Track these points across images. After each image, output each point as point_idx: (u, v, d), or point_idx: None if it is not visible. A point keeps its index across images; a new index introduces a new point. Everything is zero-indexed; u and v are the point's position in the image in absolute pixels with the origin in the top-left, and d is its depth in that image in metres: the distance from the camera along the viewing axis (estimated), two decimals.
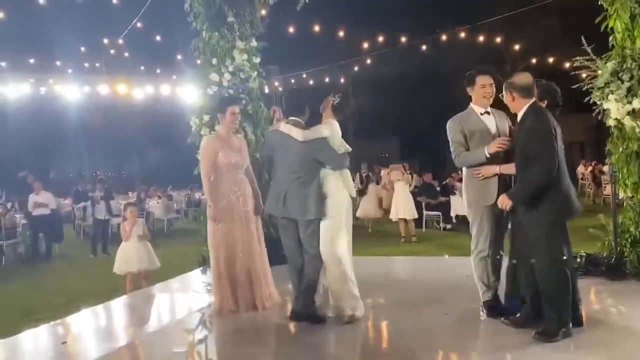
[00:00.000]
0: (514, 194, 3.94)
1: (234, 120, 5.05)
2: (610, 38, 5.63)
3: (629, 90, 5.34)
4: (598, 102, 5.53)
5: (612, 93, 5.38)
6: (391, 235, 11.51)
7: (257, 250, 5.01)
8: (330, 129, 4.46)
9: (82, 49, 19.49)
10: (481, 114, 4.36)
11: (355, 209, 12.97)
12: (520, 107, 3.99)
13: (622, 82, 5.36)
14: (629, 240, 5.51)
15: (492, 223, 4.32)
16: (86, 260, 11.00)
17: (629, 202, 5.66)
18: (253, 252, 4.95)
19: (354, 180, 5.51)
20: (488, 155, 4.19)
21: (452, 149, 4.39)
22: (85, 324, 5.18)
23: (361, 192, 13.10)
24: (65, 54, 19.30)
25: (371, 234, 12.44)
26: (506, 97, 4.07)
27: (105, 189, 11.89)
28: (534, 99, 4.01)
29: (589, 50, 5.56)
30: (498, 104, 4.35)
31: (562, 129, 4.02)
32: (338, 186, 4.44)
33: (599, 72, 5.54)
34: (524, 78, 4.04)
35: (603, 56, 5.58)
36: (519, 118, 4.04)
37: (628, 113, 5.35)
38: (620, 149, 5.52)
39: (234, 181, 4.95)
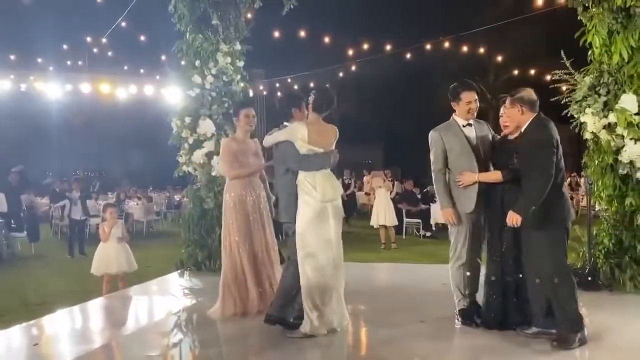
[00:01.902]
0: (521, 207, 3.91)
1: (249, 123, 5.11)
2: (589, 53, 5.75)
3: (605, 104, 5.44)
4: (576, 116, 5.63)
5: (589, 107, 5.48)
6: (371, 241, 11.56)
7: (272, 253, 5.07)
8: (289, 132, 4.35)
9: (65, 46, 19.25)
10: (463, 125, 4.45)
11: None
12: (526, 121, 4.09)
13: (599, 96, 5.47)
14: (603, 251, 5.61)
15: (470, 231, 4.39)
16: (63, 260, 10.82)
17: (604, 214, 5.77)
18: (266, 255, 5.01)
19: None
20: (442, 209, 4.44)
21: (431, 162, 4.49)
22: (60, 326, 5.11)
23: None
24: (47, 51, 19.05)
25: (353, 240, 12.45)
26: (513, 110, 4.12)
27: (82, 188, 11.70)
28: (537, 112, 4.11)
29: (568, 64, 5.67)
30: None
31: None
32: (307, 191, 4.27)
33: (578, 85, 5.65)
34: (531, 93, 4.14)
35: (581, 70, 5.70)
36: (522, 130, 4.12)
37: (604, 127, 5.46)
38: (596, 162, 5.62)
39: (250, 184, 5.00)
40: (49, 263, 10.72)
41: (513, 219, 3.93)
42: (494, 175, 4.25)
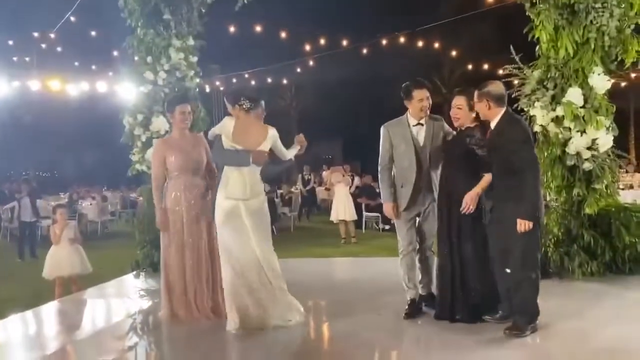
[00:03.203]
0: (525, 211, 3.84)
1: (184, 120, 4.86)
2: (537, 48, 5.91)
3: (553, 98, 5.63)
4: (525, 109, 5.79)
5: (538, 100, 5.65)
6: (331, 236, 11.61)
7: (210, 255, 4.81)
8: (220, 126, 4.44)
9: (10, 42, 18.46)
10: (414, 125, 4.47)
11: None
12: (495, 116, 4.04)
13: (547, 90, 5.65)
14: (553, 240, 5.81)
15: (410, 224, 4.54)
16: (13, 264, 10.44)
17: (554, 204, 5.96)
18: (204, 258, 4.78)
19: (294, 183, 5.48)
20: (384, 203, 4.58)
21: (379, 156, 4.58)
22: (11, 332, 4.92)
23: None
24: None
25: (313, 236, 12.50)
26: (480, 105, 4.08)
27: (32, 189, 11.29)
28: (506, 107, 4.08)
29: (517, 59, 5.82)
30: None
31: None
32: (220, 186, 4.36)
33: (527, 80, 5.81)
34: (498, 87, 4.07)
35: (530, 65, 5.85)
36: (492, 126, 4.08)
37: (552, 120, 5.64)
38: (545, 154, 5.80)
39: (183, 185, 4.76)
40: None
41: (524, 226, 3.83)
42: (486, 181, 4.13)
